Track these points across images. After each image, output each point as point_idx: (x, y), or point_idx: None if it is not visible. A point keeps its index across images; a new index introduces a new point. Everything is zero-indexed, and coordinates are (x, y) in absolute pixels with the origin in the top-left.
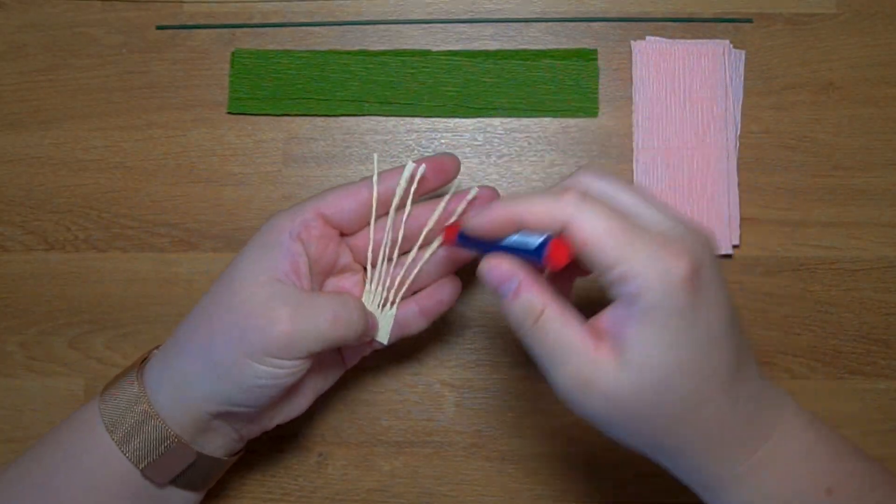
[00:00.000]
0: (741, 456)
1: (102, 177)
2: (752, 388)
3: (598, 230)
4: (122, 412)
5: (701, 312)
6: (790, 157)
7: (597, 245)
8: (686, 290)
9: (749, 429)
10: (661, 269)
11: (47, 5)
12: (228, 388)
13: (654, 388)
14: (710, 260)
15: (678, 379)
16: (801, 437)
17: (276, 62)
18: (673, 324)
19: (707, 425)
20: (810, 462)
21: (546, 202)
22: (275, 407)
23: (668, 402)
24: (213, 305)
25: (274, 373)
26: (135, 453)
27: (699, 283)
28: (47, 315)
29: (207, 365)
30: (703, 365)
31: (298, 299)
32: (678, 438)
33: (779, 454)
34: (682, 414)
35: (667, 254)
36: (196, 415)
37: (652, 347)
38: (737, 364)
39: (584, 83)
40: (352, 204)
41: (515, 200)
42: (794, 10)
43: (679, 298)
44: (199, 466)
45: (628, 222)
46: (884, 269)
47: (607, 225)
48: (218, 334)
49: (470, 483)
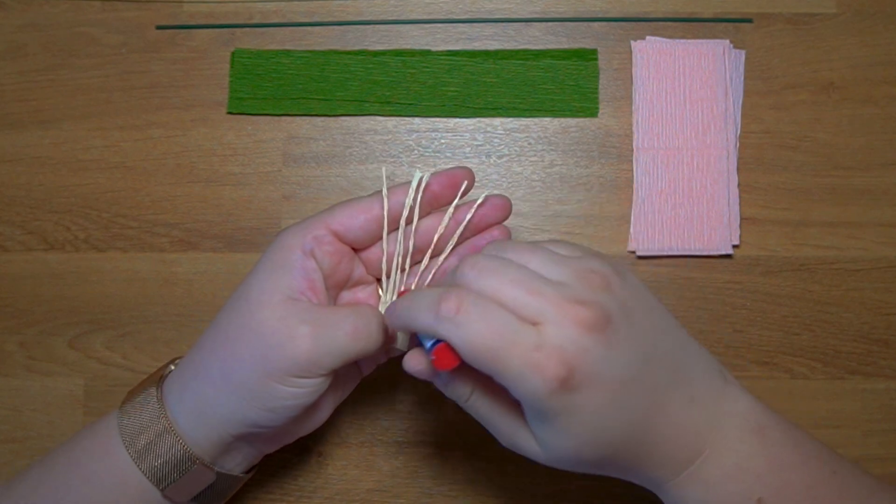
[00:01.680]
0: (672, 472)
1: (102, 177)
2: (677, 414)
3: (470, 346)
4: (142, 431)
5: (586, 402)
6: (790, 157)
7: (472, 360)
8: (559, 395)
9: (677, 451)
10: (531, 384)
11: (47, 5)
12: (251, 410)
13: (570, 459)
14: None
15: (588, 450)
16: (736, 450)
17: (276, 62)
18: (560, 422)
19: (632, 461)
20: (742, 473)
21: (426, 314)
22: (296, 423)
23: (590, 463)
24: (230, 326)
25: (297, 392)
26: (154, 474)
27: (573, 380)
28: (47, 315)
29: (228, 387)
30: (608, 434)
31: (317, 316)
32: (611, 472)
33: (710, 469)
34: (606, 464)
35: (537, 362)
36: (218, 437)
37: (552, 439)
38: (650, 408)
39: (584, 83)
40: (361, 221)
41: (407, 304)
42: (794, 10)
43: (555, 404)
44: (217, 485)
45: (501, 326)
46: (884, 269)
47: (477, 340)
48: (237, 357)
49: (470, 483)
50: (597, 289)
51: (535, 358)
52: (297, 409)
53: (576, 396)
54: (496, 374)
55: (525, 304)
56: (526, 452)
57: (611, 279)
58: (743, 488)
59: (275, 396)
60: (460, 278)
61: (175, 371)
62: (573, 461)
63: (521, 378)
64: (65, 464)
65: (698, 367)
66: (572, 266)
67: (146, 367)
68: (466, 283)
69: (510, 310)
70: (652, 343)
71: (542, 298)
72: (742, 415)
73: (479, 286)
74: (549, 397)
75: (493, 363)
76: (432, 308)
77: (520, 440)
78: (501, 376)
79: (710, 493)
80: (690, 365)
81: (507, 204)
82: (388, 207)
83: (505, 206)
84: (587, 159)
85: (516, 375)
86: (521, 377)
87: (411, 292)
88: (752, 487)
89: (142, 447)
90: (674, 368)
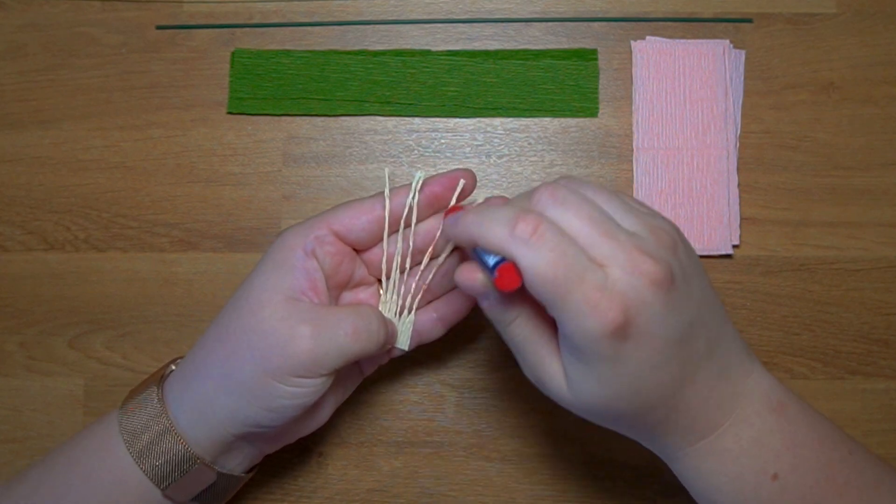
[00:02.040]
0: (689, 441)
1: (102, 177)
2: (705, 385)
3: (538, 271)
4: (143, 431)
5: (631, 354)
6: (790, 157)
7: (535, 286)
8: (610, 341)
9: (698, 421)
10: (588, 322)
11: (47, 5)
12: (252, 410)
13: (593, 408)
14: (673, 264)
15: (615, 402)
16: (755, 425)
17: (276, 62)
18: (600, 367)
19: (652, 423)
20: (758, 449)
21: (499, 230)
22: (297, 423)
23: (610, 416)
24: (231, 326)
25: (297, 392)
26: (156, 473)
27: (628, 329)
28: (47, 315)
29: (229, 387)
30: (641, 390)
31: (317, 316)
32: (624, 430)
33: (727, 441)
34: (624, 420)
35: (598, 303)
36: (218, 436)
37: (584, 383)
38: (684, 374)
39: (584, 83)
40: (363, 222)
41: (478, 218)
42: (794, 10)
43: (603, 348)
44: (218, 485)
45: (571, 259)
46: (884, 269)
47: (546, 268)
48: (238, 356)
49: (470, 483)
50: (666, 247)
51: (597, 298)
52: (298, 408)
53: (625, 346)
54: (554, 305)
55: (597, 244)
56: (549, 389)
57: (677, 242)
58: (758, 463)
59: (275, 396)
60: (537, 204)
61: (176, 370)
62: (596, 410)
63: (578, 315)
64: (65, 463)
65: (732, 344)
66: (646, 220)
67: (146, 367)
68: (542, 209)
69: (581, 246)
70: (700, 312)
71: (614, 242)
72: (765, 392)
73: (554, 215)
74: (600, 340)
75: (556, 294)
76: (508, 225)
77: (547, 375)
78: (559, 309)
79: (725, 465)
80: (726, 340)
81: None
82: (390, 209)
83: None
84: (587, 159)
85: (575, 311)
86: (580, 314)
87: (483, 205)
88: (768, 463)
89: (142, 447)
90: (711, 340)
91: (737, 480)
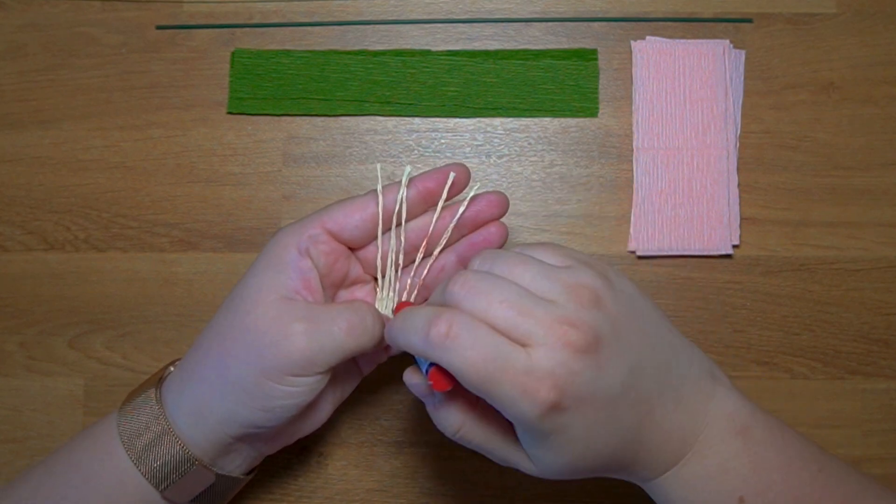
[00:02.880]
0: (657, 473)
1: (102, 177)
2: (664, 420)
3: (462, 370)
4: (141, 433)
5: (575, 422)
6: (790, 157)
7: (465, 383)
8: (550, 417)
9: (663, 454)
10: (523, 407)
11: (47, 5)
12: (248, 411)
13: (562, 474)
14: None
15: (579, 463)
16: (720, 451)
17: (276, 62)
18: (551, 440)
19: (621, 466)
20: (724, 475)
21: (416, 338)
22: (294, 424)
23: (581, 474)
24: (225, 327)
25: (293, 391)
26: (154, 475)
27: (563, 402)
28: (47, 315)
29: (225, 387)
30: (597, 447)
31: (311, 313)
32: (601, 475)
33: (693, 469)
34: (597, 472)
35: (526, 387)
36: (216, 438)
37: (544, 457)
38: (638, 417)
39: (584, 83)
40: (356, 220)
41: (399, 326)
42: (794, 10)
43: (546, 425)
44: (217, 486)
45: (491, 351)
46: (884, 269)
47: (468, 366)
48: (233, 356)
49: (470, 483)
50: (586, 306)
51: (525, 382)
52: (295, 408)
53: (566, 417)
54: (488, 397)
55: (515, 326)
56: (522, 469)
57: (601, 294)
58: (725, 488)
59: (271, 396)
60: (450, 297)
61: (174, 372)
62: (566, 473)
63: (511, 402)
64: (64, 465)
65: (688, 371)
66: (563, 280)
67: (146, 367)
68: (457, 303)
69: (501, 330)
70: (641, 355)
71: (532, 320)
72: (728, 415)
73: (470, 306)
74: (539, 420)
75: (485, 387)
76: (423, 332)
77: (514, 461)
78: (493, 399)
79: (693, 492)
80: (678, 369)
81: (503, 200)
82: (383, 205)
83: (501, 203)
84: (587, 159)
85: (507, 399)
86: (512, 401)
87: (403, 312)
88: (735, 487)
89: (141, 448)
90: (660, 375)
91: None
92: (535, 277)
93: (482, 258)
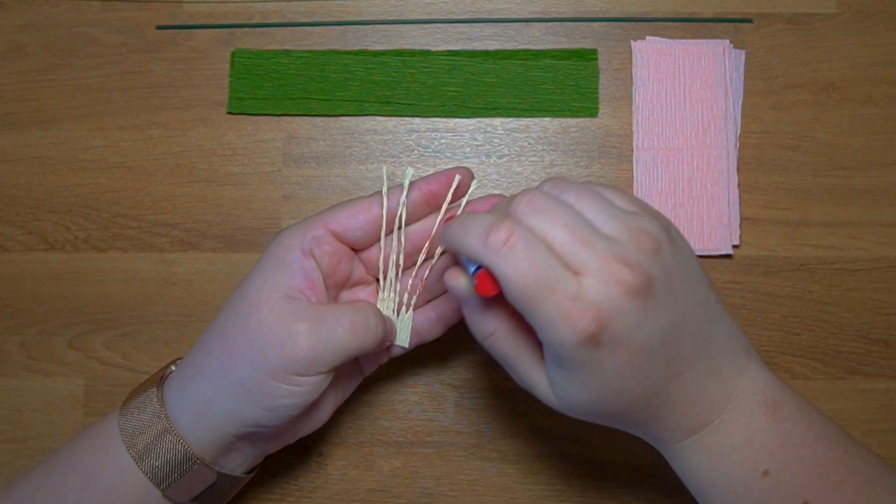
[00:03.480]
0: (679, 437)
1: (102, 177)
2: (693, 384)
3: (509, 281)
4: (143, 432)
5: (608, 360)
6: (790, 157)
7: (510, 294)
8: (585, 349)
9: (687, 418)
10: (561, 332)
11: (47, 5)
12: (250, 410)
13: (579, 409)
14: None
15: (599, 404)
16: (747, 423)
17: (276, 62)
18: (580, 372)
19: (640, 420)
20: (749, 447)
21: (474, 240)
22: (296, 423)
23: (597, 416)
24: (228, 326)
25: (296, 391)
26: (155, 474)
27: (602, 337)
28: (47, 315)
29: (228, 387)
30: (623, 392)
31: (315, 313)
32: (615, 425)
33: (718, 438)
34: (613, 418)
35: (569, 312)
36: (218, 437)
37: (567, 387)
38: (669, 374)
39: (584, 83)
40: (360, 221)
41: (458, 227)
42: (794, 10)
43: (579, 355)
44: (218, 485)
45: (544, 269)
46: (884, 269)
47: (518, 277)
48: (236, 355)
49: (470, 483)
50: (647, 251)
51: (569, 307)
52: (297, 407)
53: (600, 353)
54: (528, 314)
55: (572, 252)
56: (538, 395)
57: (662, 244)
58: (749, 460)
59: (274, 395)
60: (515, 211)
61: (175, 371)
62: (583, 411)
63: (550, 324)
64: (65, 465)
65: (725, 342)
66: (627, 222)
67: (146, 367)
68: (519, 217)
69: (556, 254)
70: (685, 314)
71: (590, 250)
72: (759, 390)
73: (531, 223)
74: (573, 349)
75: (528, 303)
76: (482, 235)
77: (534, 382)
78: (533, 318)
79: (716, 460)
80: (718, 338)
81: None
82: (388, 208)
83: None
84: (587, 159)
85: (547, 320)
86: (552, 323)
87: (464, 213)
88: (760, 460)
89: (142, 447)
90: (700, 340)
91: (728, 476)
92: (602, 212)
93: (553, 183)
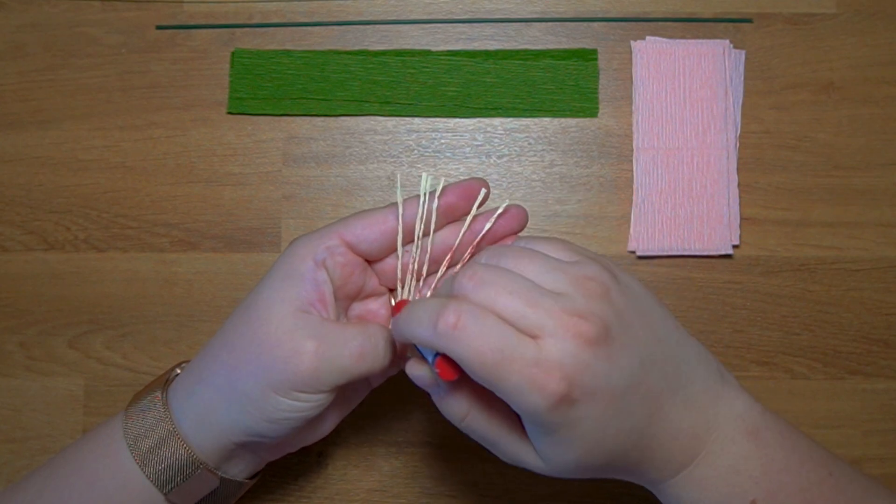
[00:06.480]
0: (668, 474)
1: (102, 177)
2: (674, 418)
3: (470, 361)
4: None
5: (586, 415)
6: (790, 157)
7: (472, 373)
8: (560, 410)
9: (673, 454)
10: (532, 398)
11: (47, 5)
12: (252, 420)
13: (570, 470)
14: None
15: (588, 459)
16: (731, 452)
17: (276, 62)
18: (561, 434)
19: (631, 465)
20: (735, 476)
21: (424, 330)
22: (299, 434)
23: (588, 471)
24: (236, 335)
25: (299, 406)
26: (158, 478)
27: (573, 394)
28: (47, 315)
29: (231, 396)
30: (607, 442)
31: (323, 332)
32: (610, 476)
33: (704, 470)
34: (605, 471)
35: (536, 378)
36: (220, 443)
37: (552, 451)
38: (648, 413)
39: (584, 83)
40: (376, 233)
41: (406, 318)
42: (794, 10)
43: (556, 417)
44: (221, 490)
45: (499, 342)
46: (884, 269)
47: (476, 356)
48: (242, 366)
49: (470, 483)
50: (595, 298)
51: (534, 373)
52: (300, 421)
53: (576, 410)
54: (496, 388)
55: (523, 317)
56: (528, 466)
57: (609, 287)
58: (737, 490)
59: (276, 408)
60: (458, 289)
61: (181, 375)
62: (576, 470)
63: (520, 393)
64: (68, 467)
65: (696, 369)
66: (570, 273)
67: (146, 367)
68: (465, 294)
69: (509, 322)
70: (648, 347)
71: (540, 310)
72: (739, 416)
73: (478, 297)
74: (549, 412)
75: (493, 378)
76: (431, 323)
77: (520, 455)
78: (501, 391)
79: (705, 493)
80: (688, 367)
81: (524, 215)
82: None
83: (522, 217)
84: (587, 159)
85: (516, 390)
86: (521, 392)
87: (411, 304)
88: (746, 489)
89: (146, 451)
90: (671, 372)
91: None
92: (543, 270)
93: (489, 253)
